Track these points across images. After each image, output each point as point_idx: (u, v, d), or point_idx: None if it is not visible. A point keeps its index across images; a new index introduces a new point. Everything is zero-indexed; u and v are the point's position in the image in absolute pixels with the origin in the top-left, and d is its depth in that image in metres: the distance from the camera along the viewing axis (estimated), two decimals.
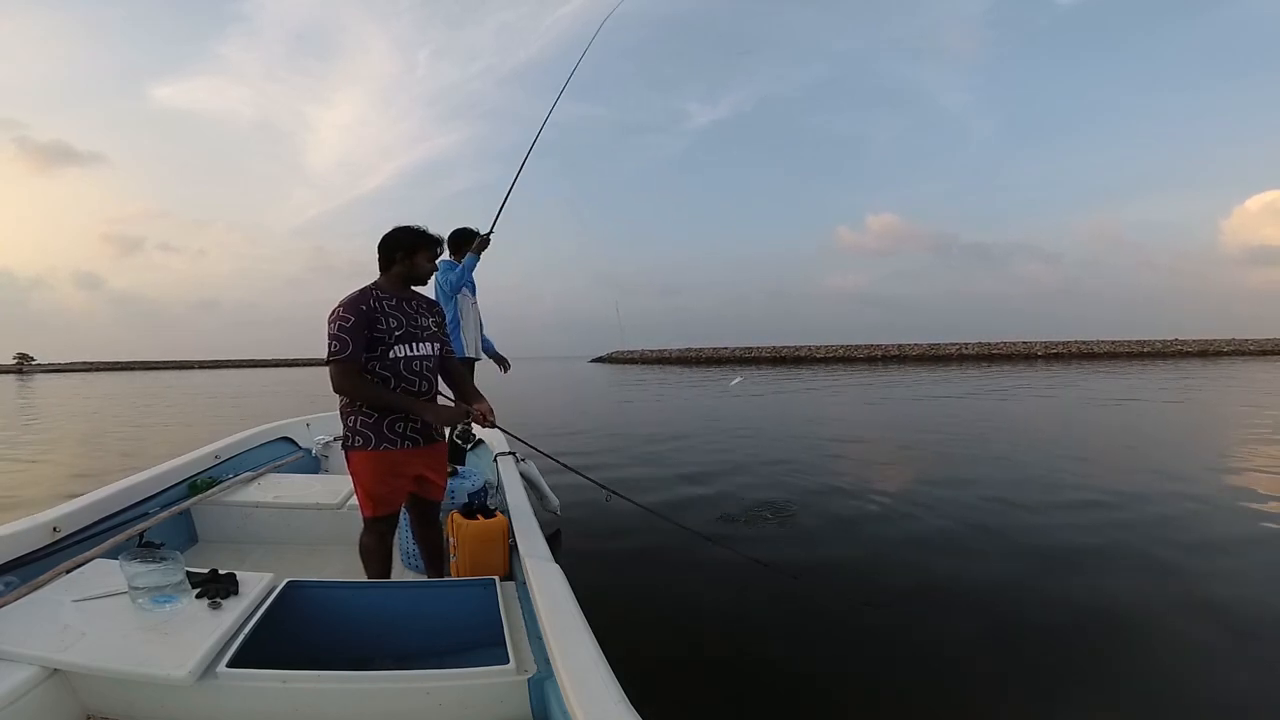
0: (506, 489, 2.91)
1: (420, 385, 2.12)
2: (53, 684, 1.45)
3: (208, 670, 1.42)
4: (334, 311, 2.00)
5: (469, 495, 2.60)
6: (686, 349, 62.67)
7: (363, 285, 2.12)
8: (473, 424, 2.22)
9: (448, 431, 2.45)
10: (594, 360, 66.18)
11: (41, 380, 41.51)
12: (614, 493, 2.70)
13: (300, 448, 4.38)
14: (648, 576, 3.40)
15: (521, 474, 3.26)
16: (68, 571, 1.89)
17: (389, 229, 2.14)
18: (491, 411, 2.20)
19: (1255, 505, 4.71)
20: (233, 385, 28.70)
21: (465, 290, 3.60)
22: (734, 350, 58.76)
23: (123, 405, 17.61)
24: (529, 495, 2.95)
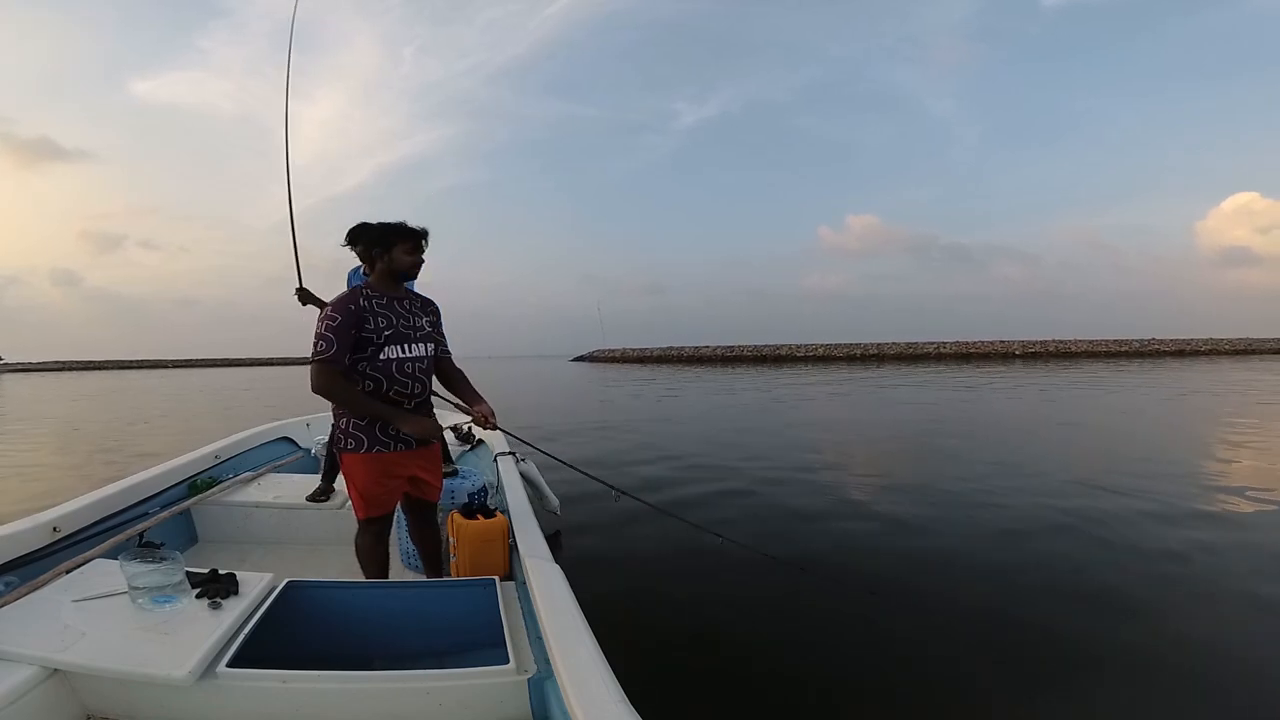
0: (506, 489, 2.91)
1: (413, 388, 2.08)
2: (53, 684, 1.44)
3: (208, 670, 1.43)
4: (323, 310, 1.99)
5: (469, 495, 2.60)
6: (668, 348, 62.60)
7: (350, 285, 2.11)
8: (473, 425, 2.22)
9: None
10: (575, 359, 66.00)
11: (8, 381, 40.23)
12: (623, 492, 2.70)
13: (300, 448, 4.37)
14: (651, 571, 3.42)
15: (521, 474, 3.25)
16: (68, 571, 1.88)
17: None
18: (493, 414, 2.19)
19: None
20: (194, 386, 27.19)
21: None
22: (715, 349, 58.81)
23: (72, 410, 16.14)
24: (529, 495, 2.95)
